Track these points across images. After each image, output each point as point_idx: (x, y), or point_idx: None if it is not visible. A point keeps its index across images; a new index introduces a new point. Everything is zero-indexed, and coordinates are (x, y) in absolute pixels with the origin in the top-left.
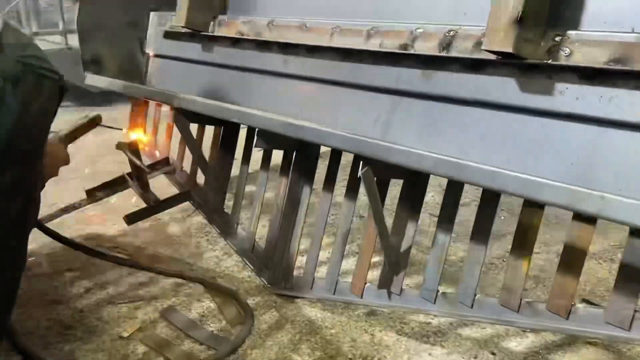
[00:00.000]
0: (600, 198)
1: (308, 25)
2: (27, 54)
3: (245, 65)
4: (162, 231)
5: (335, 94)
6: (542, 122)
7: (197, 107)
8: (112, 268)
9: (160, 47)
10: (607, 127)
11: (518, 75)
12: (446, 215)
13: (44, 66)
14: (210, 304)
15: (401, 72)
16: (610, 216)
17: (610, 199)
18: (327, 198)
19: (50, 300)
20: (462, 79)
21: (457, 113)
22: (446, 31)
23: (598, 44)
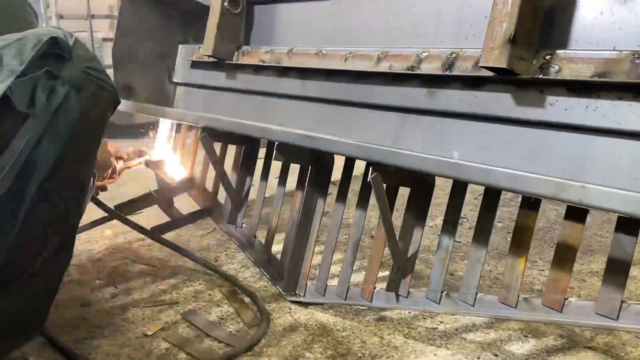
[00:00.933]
0: (581, 187)
1: (324, 52)
2: (91, 66)
3: (266, 90)
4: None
5: (349, 113)
6: (535, 132)
7: (221, 124)
8: (137, 277)
9: (187, 76)
10: (593, 134)
11: (513, 90)
12: (449, 222)
13: (103, 78)
14: (229, 309)
15: (408, 91)
16: (591, 204)
17: (590, 188)
18: (339, 210)
19: (79, 303)
20: (462, 96)
21: (459, 126)
22: (449, 53)
23: (583, 60)
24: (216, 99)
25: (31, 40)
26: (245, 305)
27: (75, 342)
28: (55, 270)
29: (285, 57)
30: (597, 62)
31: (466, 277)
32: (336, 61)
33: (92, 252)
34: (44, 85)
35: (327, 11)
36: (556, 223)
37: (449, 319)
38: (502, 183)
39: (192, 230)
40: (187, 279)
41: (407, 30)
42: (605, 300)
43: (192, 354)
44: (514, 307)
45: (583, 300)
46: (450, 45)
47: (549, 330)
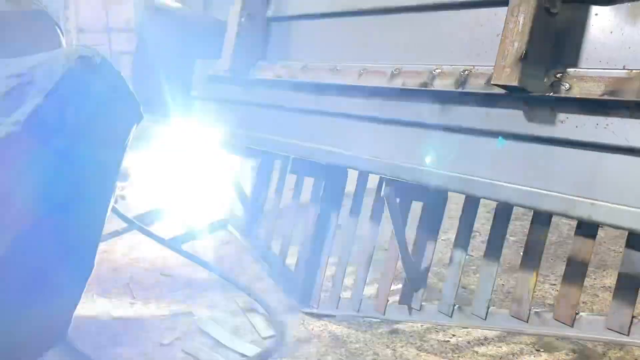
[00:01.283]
0: (590, 204)
1: (338, 68)
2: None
3: (282, 104)
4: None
5: (362, 128)
6: (546, 148)
7: (240, 140)
8: (154, 287)
9: (204, 90)
10: (603, 151)
11: (524, 107)
12: (461, 238)
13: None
14: (243, 319)
15: (421, 107)
16: (599, 220)
17: (599, 205)
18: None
19: (98, 312)
20: (475, 112)
21: (472, 142)
22: (461, 70)
23: (594, 79)
24: (233, 112)
25: (61, 60)
26: (261, 316)
27: (96, 350)
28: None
29: (300, 72)
30: (607, 81)
31: (478, 291)
32: (350, 77)
33: (111, 261)
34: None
35: (341, 27)
36: (569, 237)
37: (461, 332)
38: (513, 199)
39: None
40: (203, 290)
41: (421, 46)
42: (616, 316)
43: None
44: (526, 321)
45: (594, 315)
46: (463, 62)
47: (561, 344)
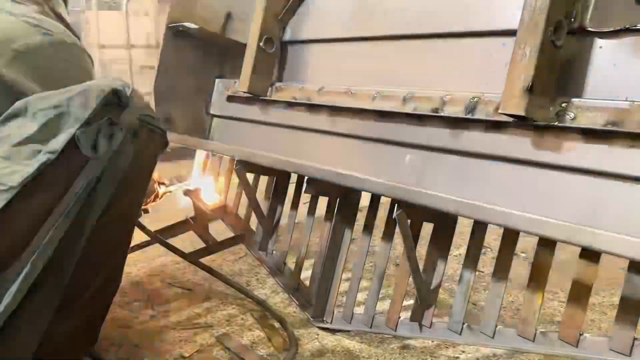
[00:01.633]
0: (591, 233)
1: (353, 91)
2: (145, 114)
3: (298, 124)
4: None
5: (375, 149)
6: (553, 174)
7: (258, 159)
8: (173, 299)
9: (222, 109)
10: (606, 179)
11: (531, 134)
12: (471, 257)
13: (155, 124)
14: (260, 333)
15: (432, 131)
16: (601, 248)
17: (599, 234)
18: (365, 241)
19: (121, 324)
20: (484, 138)
21: (480, 166)
22: (471, 97)
23: (598, 109)
24: (250, 131)
25: (95, 91)
26: (276, 330)
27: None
28: (106, 296)
29: (316, 94)
30: (610, 112)
31: (486, 310)
32: (363, 100)
33: (131, 274)
34: (105, 131)
35: (355, 52)
36: None
37: (471, 349)
38: (520, 226)
39: (224, 255)
40: (221, 303)
41: (432, 72)
42: (619, 337)
43: None
44: (532, 341)
45: (597, 337)
46: (473, 89)
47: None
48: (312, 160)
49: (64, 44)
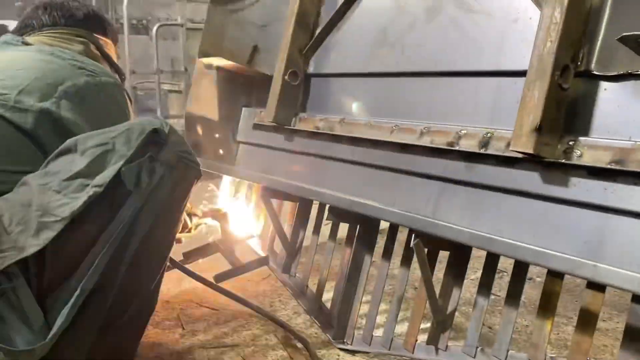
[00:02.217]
0: (593, 266)
1: (372, 123)
2: (182, 149)
3: (320, 153)
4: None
5: (393, 179)
6: (561, 208)
7: (280, 186)
8: (201, 319)
9: (248, 136)
10: (611, 214)
11: (540, 170)
12: (485, 284)
13: (191, 159)
14: (283, 353)
15: (448, 163)
16: (602, 281)
17: (600, 267)
18: (384, 266)
19: (152, 342)
20: (496, 171)
21: (493, 198)
22: (484, 133)
23: (603, 148)
24: (275, 158)
25: (137, 130)
26: (298, 350)
27: None
28: (142, 318)
29: (338, 125)
30: (615, 150)
31: (499, 335)
32: (383, 132)
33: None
34: (147, 167)
35: (375, 86)
36: None
37: None
38: (527, 258)
39: (249, 276)
40: (246, 323)
41: (448, 107)
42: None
43: None
44: None
45: None
46: (486, 124)
47: None
48: (333, 187)
49: (106, 84)
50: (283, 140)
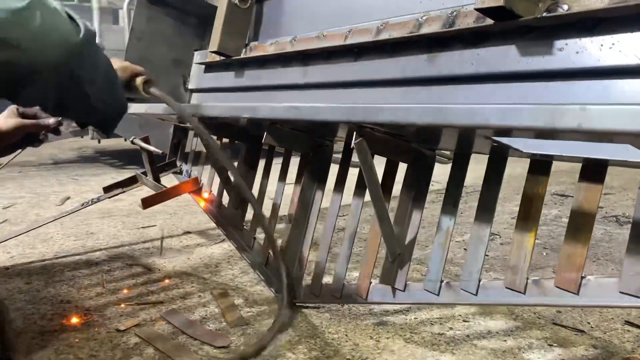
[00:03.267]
0: (580, 109)
1: (325, 34)
2: None
3: (271, 83)
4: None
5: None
6: (545, 85)
7: (205, 111)
8: (128, 278)
9: (200, 81)
10: (610, 78)
11: (517, 40)
12: (450, 199)
13: None
14: (214, 310)
15: (408, 61)
16: (592, 127)
17: (591, 108)
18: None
19: (60, 300)
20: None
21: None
22: (449, 13)
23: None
24: (226, 100)
25: None
26: (235, 307)
27: (41, 334)
28: None
29: (289, 45)
30: None
31: (467, 263)
32: (336, 40)
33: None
34: None
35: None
36: (602, 240)
37: (460, 325)
38: (490, 120)
39: (200, 240)
40: (180, 282)
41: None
42: (631, 275)
43: (160, 349)
44: (523, 293)
45: (604, 278)
46: (453, 5)
47: (579, 339)
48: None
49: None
50: (233, 78)
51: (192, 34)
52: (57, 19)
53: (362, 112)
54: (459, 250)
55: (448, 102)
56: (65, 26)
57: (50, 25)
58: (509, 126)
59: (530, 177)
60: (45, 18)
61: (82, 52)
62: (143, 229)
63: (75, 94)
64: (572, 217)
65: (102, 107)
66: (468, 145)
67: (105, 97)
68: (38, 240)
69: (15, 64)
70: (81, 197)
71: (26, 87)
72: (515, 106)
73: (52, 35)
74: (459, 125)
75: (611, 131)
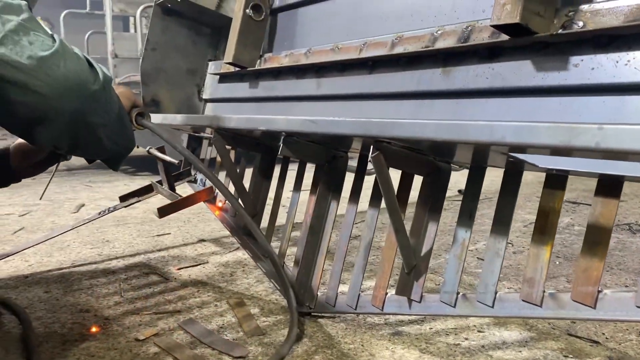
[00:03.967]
0: (597, 129)
1: (340, 47)
2: None
3: (285, 94)
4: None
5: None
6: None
7: (221, 122)
8: (146, 287)
9: (214, 91)
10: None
11: (532, 56)
12: (466, 210)
13: None
14: (232, 319)
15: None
16: (609, 147)
17: (608, 128)
18: (352, 210)
19: (80, 309)
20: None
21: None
22: (464, 27)
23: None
24: (240, 110)
25: None
26: (251, 316)
27: (62, 343)
28: None
29: (303, 57)
30: (627, 11)
31: (483, 275)
32: (350, 53)
33: (109, 265)
34: None
35: (342, 7)
36: (615, 249)
37: (475, 336)
38: (507, 138)
39: (213, 248)
40: (197, 291)
41: (423, 12)
42: None
43: (179, 359)
44: (539, 306)
45: (621, 292)
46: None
47: (595, 351)
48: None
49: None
50: (247, 89)
51: (206, 44)
52: (78, 67)
53: (379, 126)
54: (472, 259)
55: (463, 116)
56: (84, 74)
57: (71, 73)
58: (525, 144)
59: (546, 191)
60: (68, 66)
61: (98, 99)
62: (158, 237)
63: (89, 138)
64: (588, 231)
65: (113, 147)
66: (483, 159)
67: (116, 137)
68: (55, 248)
69: (34, 108)
70: (95, 205)
71: (42, 129)
72: (532, 124)
73: (71, 83)
74: (475, 142)
75: (628, 151)
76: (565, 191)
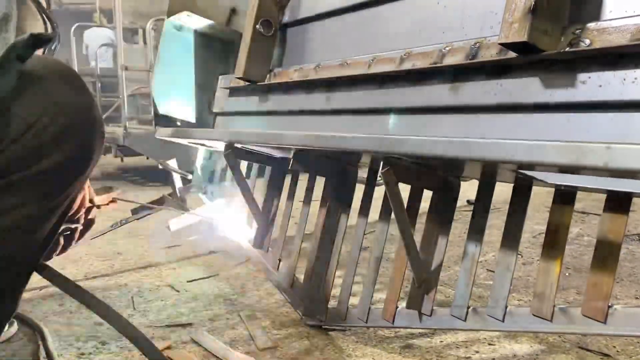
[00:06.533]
0: (606, 149)
1: (349, 62)
2: None
3: (295, 108)
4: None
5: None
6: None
7: (235, 137)
8: (157, 299)
9: (224, 105)
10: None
11: (539, 72)
12: (476, 225)
13: None
14: (243, 332)
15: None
16: (617, 166)
17: (617, 148)
18: (361, 224)
19: (94, 322)
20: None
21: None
22: (472, 44)
23: (618, 30)
24: (250, 124)
25: None
26: (262, 329)
27: (78, 357)
28: None
29: (313, 71)
30: (634, 30)
31: (494, 289)
32: (359, 68)
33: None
34: None
35: (351, 23)
36: (624, 260)
37: (486, 349)
38: (517, 156)
39: (223, 260)
40: (209, 304)
41: (431, 29)
42: None
43: None
44: (549, 320)
45: (632, 307)
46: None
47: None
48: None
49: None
50: (257, 103)
51: (217, 59)
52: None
53: (389, 143)
54: (481, 270)
55: (471, 131)
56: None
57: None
58: (534, 162)
59: (555, 207)
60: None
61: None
62: (168, 249)
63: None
64: (597, 247)
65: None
66: (493, 175)
67: None
68: (68, 260)
69: None
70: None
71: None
72: (541, 142)
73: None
74: (484, 159)
75: (636, 170)
76: (574, 206)
